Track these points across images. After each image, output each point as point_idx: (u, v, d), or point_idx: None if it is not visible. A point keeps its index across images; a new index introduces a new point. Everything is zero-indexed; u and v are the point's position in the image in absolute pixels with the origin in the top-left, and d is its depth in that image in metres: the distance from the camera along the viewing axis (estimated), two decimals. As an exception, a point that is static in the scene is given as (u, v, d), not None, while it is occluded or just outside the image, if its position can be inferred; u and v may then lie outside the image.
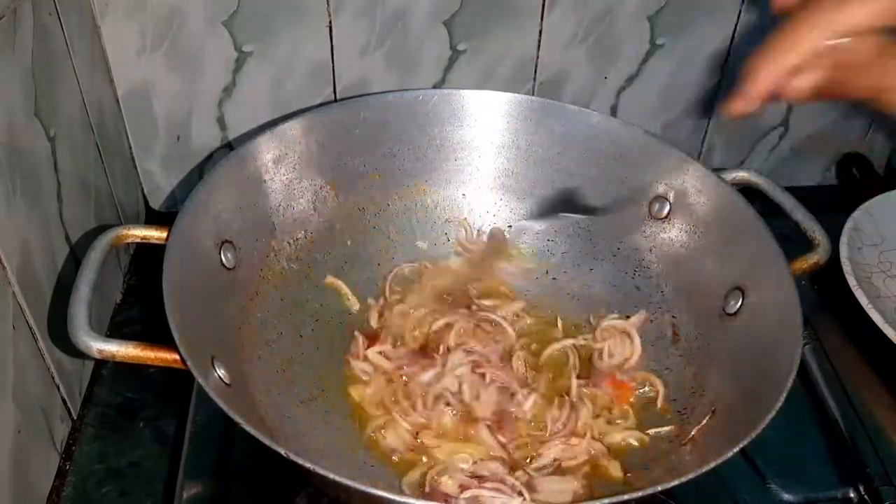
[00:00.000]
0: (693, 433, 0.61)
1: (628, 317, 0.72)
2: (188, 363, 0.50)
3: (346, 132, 0.74)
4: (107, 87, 0.78)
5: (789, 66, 0.50)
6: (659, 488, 0.49)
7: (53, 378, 0.62)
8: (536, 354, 0.69)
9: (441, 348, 0.68)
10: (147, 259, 0.80)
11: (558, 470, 0.61)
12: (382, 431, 0.63)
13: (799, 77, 0.51)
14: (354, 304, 0.72)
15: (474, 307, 0.72)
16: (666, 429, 0.63)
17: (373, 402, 0.65)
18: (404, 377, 0.66)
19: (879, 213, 0.81)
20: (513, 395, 0.65)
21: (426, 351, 0.68)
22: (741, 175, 0.72)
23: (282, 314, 0.69)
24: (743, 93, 0.52)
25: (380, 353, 0.67)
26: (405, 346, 0.69)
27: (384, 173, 0.77)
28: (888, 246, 0.80)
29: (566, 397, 0.65)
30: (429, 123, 0.76)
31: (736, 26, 0.84)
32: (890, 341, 0.68)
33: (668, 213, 0.73)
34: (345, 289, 0.73)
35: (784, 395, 0.52)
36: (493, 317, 0.71)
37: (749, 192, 0.70)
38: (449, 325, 0.69)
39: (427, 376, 0.65)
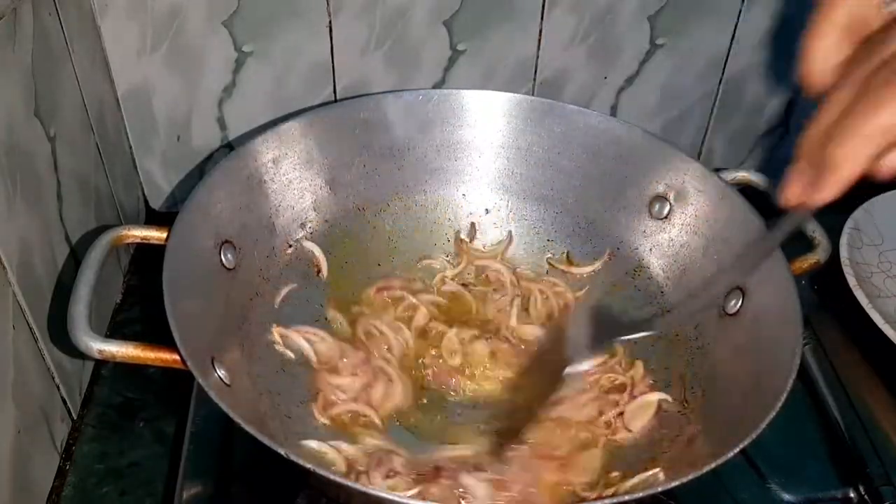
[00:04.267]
0: (693, 433, 0.61)
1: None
2: (188, 363, 0.50)
3: (346, 132, 0.74)
4: (107, 87, 0.78)
5: (879, 146, 0.41)
6: (659, 488, 0.49)
7: (53, 378, 0.62)
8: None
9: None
10: (147, 259, 0.80)
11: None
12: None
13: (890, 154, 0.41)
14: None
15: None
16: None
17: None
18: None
19: (879, 213, 0.81)
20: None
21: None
22: (741, 175, 0.72)
23: (282, 314, 0.69)
24: (824, 180, 0.43)
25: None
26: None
27: (384, 173, 0.77)
28: (888, 246, 0.80)
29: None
30: (429, 123, 0.76)
31: (736, 26, 0.84)
32: (890, 341, 0.68)
33: (668, 213, 0.73)
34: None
35: (784, 395, 0.52)
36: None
37: (749, 192, 0.70)
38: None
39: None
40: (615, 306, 0.72)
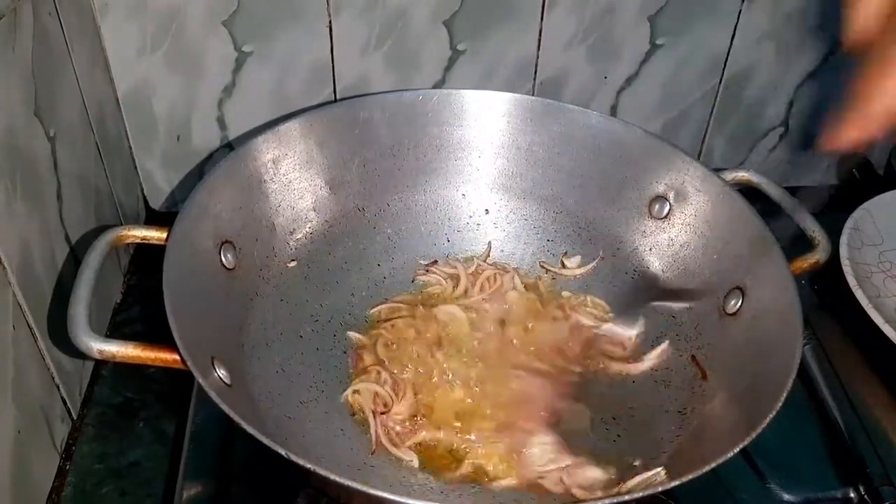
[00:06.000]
0: (693, 433, 0.61)
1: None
2: (188, 363, 0.50)
3: (346, 132, 0.74)
4: (107, 87, 0.78)
5: None
6: (659, 489, 0.49)
7: (53, 378, 0.62)
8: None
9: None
10: (147, 259, 0.80)
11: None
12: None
13: None
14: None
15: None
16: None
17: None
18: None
19: (879, 213, 0.81)
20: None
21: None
22: (741, 175, 0.72)
23: (282, 314, 0.69)
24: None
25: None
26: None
27: (384, 173, 0.77)
28: (888, 246, 0.80)
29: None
30: (429, 123, 0.76)
31: (736, 26, 0.84)
32: (890, 341, 0.68)
33: (668, 213, 0.73)
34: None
35: (784, 395, 0.52)
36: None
37: (749, 192, 0.70)
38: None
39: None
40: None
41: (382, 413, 0.64)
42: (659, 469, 0.58)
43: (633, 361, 0.69)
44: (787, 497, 0.62)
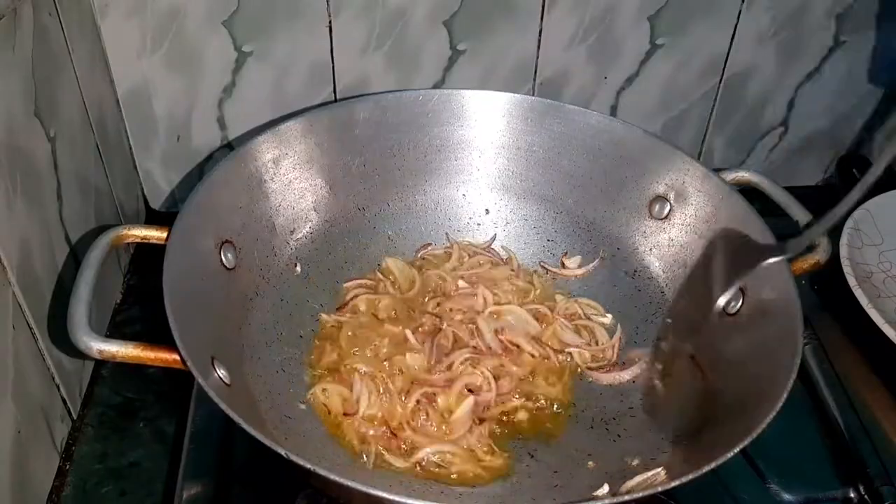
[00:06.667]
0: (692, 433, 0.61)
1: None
2: (188, 363, 0.50)
3: (346, 132, 0.74)
4: (107, 87, 0.78)
5: None
6: (659, 489, 0.49)
7: (53, 378, 0.62)
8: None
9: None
10: (147, 259, 0.80)
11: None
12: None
13: None
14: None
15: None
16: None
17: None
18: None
19: (879, 213, 0.81)
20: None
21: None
22: (741, 175, 0.72)
23: (282, 314, 0.69)
24: None
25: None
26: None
27: (384, 173, 0.77)
28: (888, 246, 0.80)
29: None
30: (429, 123, 0.76)
31: (736, 26, 0.84)
32: (890, 341, 0.68)
33: (668, 213, 0.73)
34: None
35: (784, 395, 0.52)
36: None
37: (749, 192, 0.70)
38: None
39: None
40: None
41: (346, 415, 0.63)
42: (659, 469, 0.58)
43: (621, 369, 0.69)
44: (787, 497, 0.62)
